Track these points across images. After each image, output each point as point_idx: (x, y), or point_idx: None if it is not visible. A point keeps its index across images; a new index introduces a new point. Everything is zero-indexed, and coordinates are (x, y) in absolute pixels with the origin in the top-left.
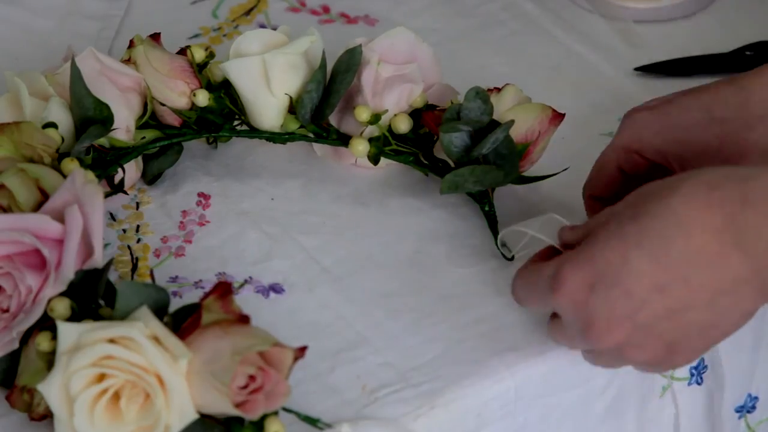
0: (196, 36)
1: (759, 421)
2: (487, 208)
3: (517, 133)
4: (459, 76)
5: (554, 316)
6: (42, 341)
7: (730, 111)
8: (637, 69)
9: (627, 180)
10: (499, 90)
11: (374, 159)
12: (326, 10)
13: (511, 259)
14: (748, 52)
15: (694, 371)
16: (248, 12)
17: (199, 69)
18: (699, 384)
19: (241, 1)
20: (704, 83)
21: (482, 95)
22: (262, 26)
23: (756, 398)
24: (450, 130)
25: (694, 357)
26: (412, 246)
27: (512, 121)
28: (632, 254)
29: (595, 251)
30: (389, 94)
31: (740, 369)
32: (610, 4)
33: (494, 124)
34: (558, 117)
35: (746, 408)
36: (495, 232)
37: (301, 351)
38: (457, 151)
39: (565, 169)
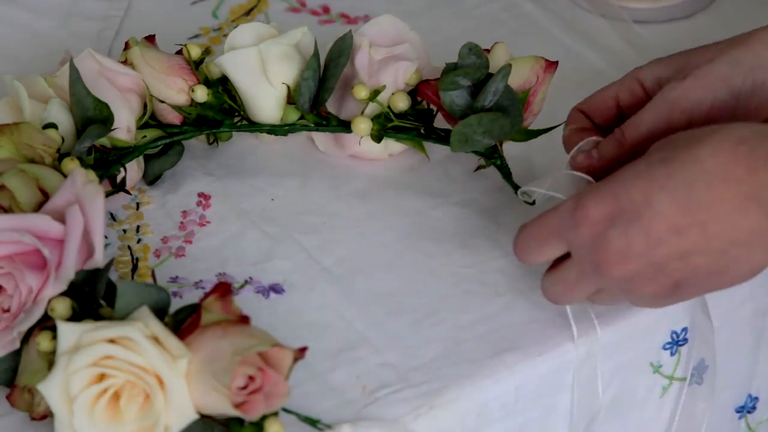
0: (196, 36)
1: (759, 421)
2: (498, 162)
3: (514, 85)
4: None
5: (551, 268)
6: (42, 341)
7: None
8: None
9: (619, 117)
10: (488, 51)
11: (377, 137)
12: (326, 10)
13: (533, 203)
14: None
15: (694, 371)
16: (248, 12)
17: (196, 66)
18: (699, 384)
19: (241, 1)
20: None
21: (475, 50)
22: None
23: (756, 398)
24: (449, 86)
25: (696, 296)
26: (412, 246)
27: (509, 65)
28: (656, 196)
29: (619, 187)
30: (384, 73)
31: (740, 369)
32: (610, 4)
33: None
34: (552, 66)
35: (746, 408)
36: (511, 183)
37: (301, 351)
38: (460, 110)
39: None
